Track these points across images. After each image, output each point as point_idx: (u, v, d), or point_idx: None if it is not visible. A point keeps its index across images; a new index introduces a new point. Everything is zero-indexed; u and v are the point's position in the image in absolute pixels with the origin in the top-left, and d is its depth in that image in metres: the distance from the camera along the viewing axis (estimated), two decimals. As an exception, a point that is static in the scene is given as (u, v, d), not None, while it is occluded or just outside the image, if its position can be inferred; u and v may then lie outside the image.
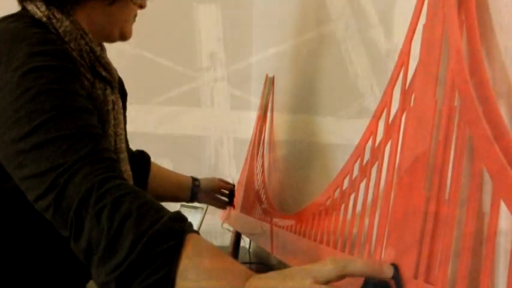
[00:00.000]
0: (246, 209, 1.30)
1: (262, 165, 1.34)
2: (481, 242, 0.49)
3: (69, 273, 0.76)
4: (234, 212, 1.33)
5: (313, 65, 1.13)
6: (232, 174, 1.67)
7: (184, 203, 1.34)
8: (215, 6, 1.69)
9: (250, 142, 1.45)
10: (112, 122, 0.77)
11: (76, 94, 0.62)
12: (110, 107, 0.76)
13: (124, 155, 0.81)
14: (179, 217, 0.53)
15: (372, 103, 0.79)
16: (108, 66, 0.78)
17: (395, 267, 0.51)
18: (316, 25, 1.13)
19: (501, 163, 0.43)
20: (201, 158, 1.68)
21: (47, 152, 0.56)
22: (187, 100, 1.66)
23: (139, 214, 0.51)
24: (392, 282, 0.50)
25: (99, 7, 0.76)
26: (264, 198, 1.21)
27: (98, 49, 0.75)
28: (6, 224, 0.70)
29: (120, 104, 0.82)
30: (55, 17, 0.70)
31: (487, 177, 0.47)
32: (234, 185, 1.26)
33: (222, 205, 1.25)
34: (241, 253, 1.37)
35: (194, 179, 1.17)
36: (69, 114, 0.59)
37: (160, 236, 0.50)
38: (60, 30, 0.69)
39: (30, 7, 0.70)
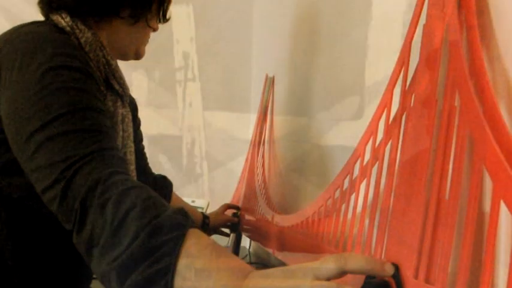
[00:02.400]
0: (248, 210, 1.30)
1: (263, 165, 1.34)
2: (481, 242, 0.49)
3: (73, 274, 0.76)
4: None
5: (313, 65, 1.13)
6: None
7: None
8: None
9: (251, 142, 1.46)
10: (121, 133, 0.79)
11: (92, 95, 0.65)
12: (120, 118, 0.79)
13: (133, 167, 0.83)
14: (182, 212, 0.53)
15: (371, 104, 0.79)
16: (121, 81, 0.81)
17: (396, 266, 0.51)
18: (315, 25, 1.13)
19: (501, 163, 0.43)
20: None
21: (58, 144, 0.58)
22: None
23: (144, 207, 0.52)
24: (392, 282, 0.50)
25: (121, 26, 0.80)
26: (264, 198, 1.21)
27: (113, 62, 0.78)
28: (11, 223, 0.70)
29: (130, 118, 0.84)
30: (78, 27, 0.73)
31: (487, 177, 0.47)
32: (239, 216, 1.30)
33: (224, 236, 1.34)
34: (241, 253, 1.37)
35: (205, 217, 1.22)
36: (84, 112, 0.61)
37: (163, 228, 0.50)
38: (82, 40, 0.73)
39: (55, 17, 0.73)
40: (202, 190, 1.70)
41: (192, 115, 1.70)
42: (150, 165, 1.15)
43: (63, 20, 0.72)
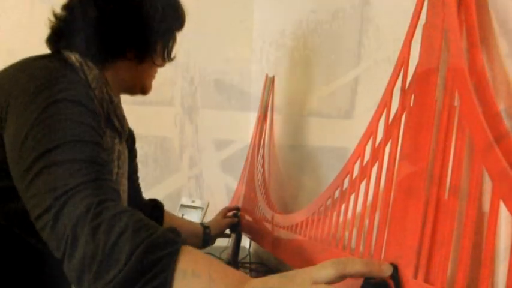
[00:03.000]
0: (248, 210, 1.30)
1: (263, 165, 1.34)
2: (481, 242, 0.49)
3: None
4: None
5: (313, 65, 1.13)
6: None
7: (184, 203, 1.36)
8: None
9: (251, 142, 1.46)
10: (115, 170, 0.81)
11: (93, 129, 0.67)
12: (115, 155, 0.81)
13: (125, 205, 0.84)
14: (174, 230, 0.55)
15: (370, 104, 0.79)
16: (121, 117, 0.84)
17: (395, 267, 0.51)
18: (314, 26, 1.13)
19: (501, 163, 0.43)
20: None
21: (55, 173, 0.59)
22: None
23: (136, 228, 0.53)
24: (391, 282, 0.50)
25: (127, 65, 0.84)
26: (264, 198, 1.21)
27: (116, 99, 0.81)
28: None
29: (126, 155, 0.87)
30: (87, 64, 0.76)
31: (487, 177, 0.47)
32: (238, 217, 1.31)
33: (225, 237, 1.34)
34: (241, 253, 1.37)
35: (205, 227, 1.21)
36: (83, 144, 0.63)
37: (157, 245, 0.51)
38: (89, 77, 0.76)
39: (66, 53, 0.77)
40: (202, 190, 1.70)
41: (191, 115, 1.69)
42: (149, 165, 1.15)
43: (73, 57, 0.76)
